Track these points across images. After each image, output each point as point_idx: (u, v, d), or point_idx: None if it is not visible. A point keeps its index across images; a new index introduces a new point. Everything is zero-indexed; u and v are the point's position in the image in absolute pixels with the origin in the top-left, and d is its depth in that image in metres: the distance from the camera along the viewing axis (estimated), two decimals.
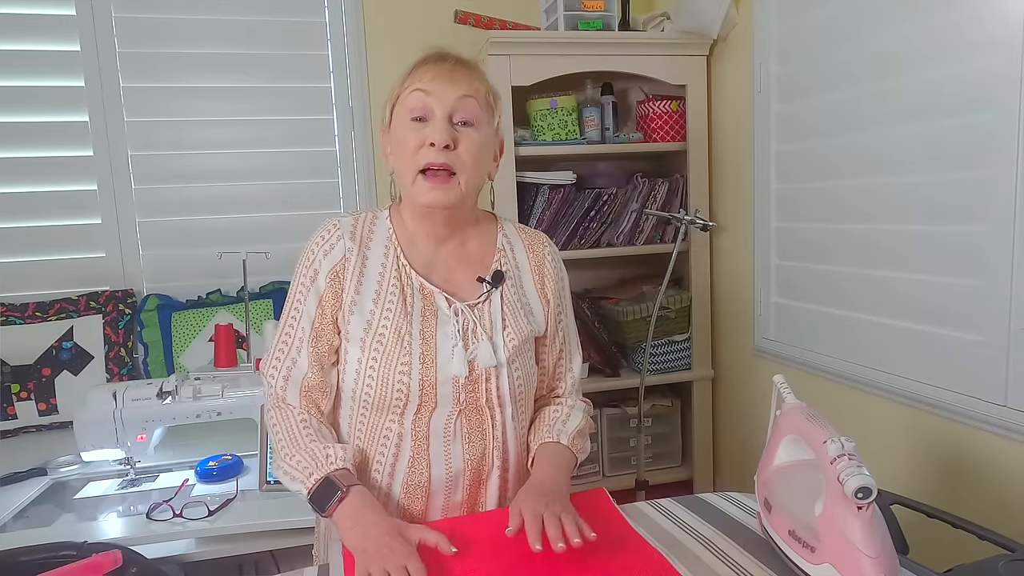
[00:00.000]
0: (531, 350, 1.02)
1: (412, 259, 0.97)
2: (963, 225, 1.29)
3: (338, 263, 0.94)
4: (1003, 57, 1.17)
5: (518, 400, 0.98)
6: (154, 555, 1.21)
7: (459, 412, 0.94)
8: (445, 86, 0.90)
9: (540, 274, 1.04)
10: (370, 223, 0.99)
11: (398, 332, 0.92)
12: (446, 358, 0.92)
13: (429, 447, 0.94)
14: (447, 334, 0.93)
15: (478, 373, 0.93)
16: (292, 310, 0.96)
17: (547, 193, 2.07)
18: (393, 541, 0.78)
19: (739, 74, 1.98)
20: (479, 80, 0.94)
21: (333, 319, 0.94)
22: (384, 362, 0.91)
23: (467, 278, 0.98)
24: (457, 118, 0.91)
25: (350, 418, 0.97)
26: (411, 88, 0.92)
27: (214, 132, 2.12)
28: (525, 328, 0.98)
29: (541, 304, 1.03)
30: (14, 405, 1.83)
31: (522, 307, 1.00)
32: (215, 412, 1.48)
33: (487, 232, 1.03)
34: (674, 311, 2.13)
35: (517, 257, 1.03)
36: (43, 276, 2.01)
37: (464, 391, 0.93)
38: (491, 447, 0.97)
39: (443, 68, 0.92)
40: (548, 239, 1.08)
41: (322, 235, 0.96)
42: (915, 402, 1.42)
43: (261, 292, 2.11)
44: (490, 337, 0.95)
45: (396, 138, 0.94)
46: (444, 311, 0.94)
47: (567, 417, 1.04)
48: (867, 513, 0.66)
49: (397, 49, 2.20)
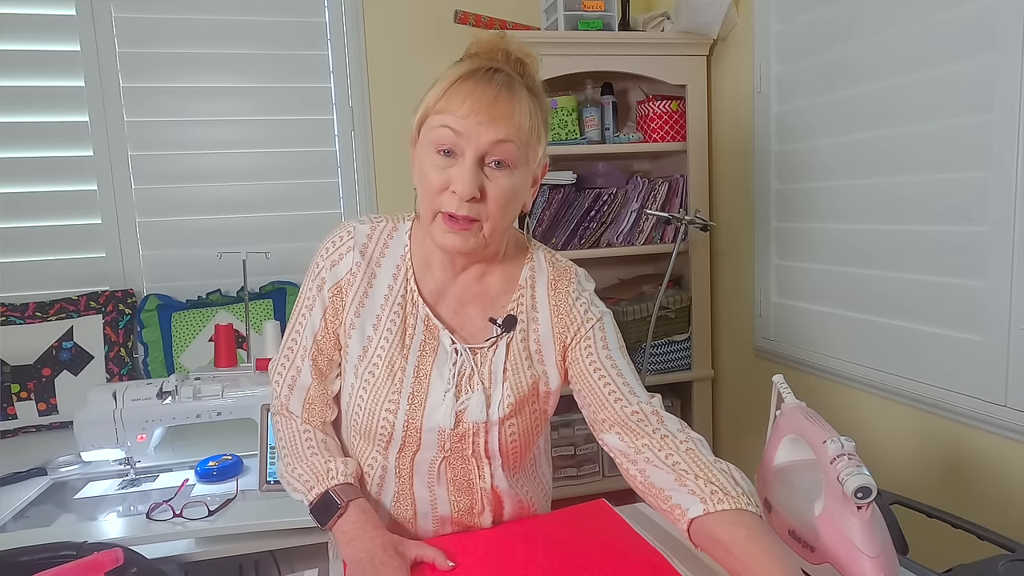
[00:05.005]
0: (536, 406, 0.91)
1: (423, 284, 0.90)
2: (963, 225, 1.28)
3: (343, 278, 0.89)
4: (1003, 57, 1.17)
5: (510, 455, 0.90)
6: (154, 555, 1.21)
7: (443, 458, 0.88)
8: (480, 127, 0.77)
9: (560, 316, 0.91)
10: (387, 236, 0.91)
11: (391, 366, 0.86)
12: (435, 403, 0.85)
13: (413, 486, 0.90)
14: (442, 375, 0.86)
15: (465, 427, 0.86)
16: (299, 315, 0.92)
17: (547, 193, 2.07)
18: (386, 556, 0.77)
19: (739, 74, 1.98)
20: (523, 115, 0.79)
21: (335, 334, 0.91)
22: (373, 394, 0.86)
23: (478, 315, 0.90)
24: (490, 159, 0.79)
25: (346, 436, 0.96)
26: (441, 122, 0.78)
27: (214, 132, 2.12)
28: (526, 382, 0.88)
29: (556, 350, 0.91)
30: (14, 405, 1.83)
31: (529, 356, 0.90)
32: (215, 412, 1.48)
33: (513, 264, 0.92)
34: (674, 311, 2.13)
35: (537, 296, 0.91)
36: (43, 276, 2.01)
37: (449, 440, 0.87)
38: (479, 497, 0.91)
39: (483, 100, 0.77)
40: (580, 274, 0.94)
41: (333, 241, 0.90)
42: (915, 402, 1.42)
43: (261, 292, 2.11)
44: (486, 390, 0.86)
45: (419, 162, 0.83)
46: (445, 348, 0.87)
47: (743, 478, 0.76)
48: (867, 513, 0.66)
49: (397, 49, 2.20)
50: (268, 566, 1.42)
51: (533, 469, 1.00)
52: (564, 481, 2.15)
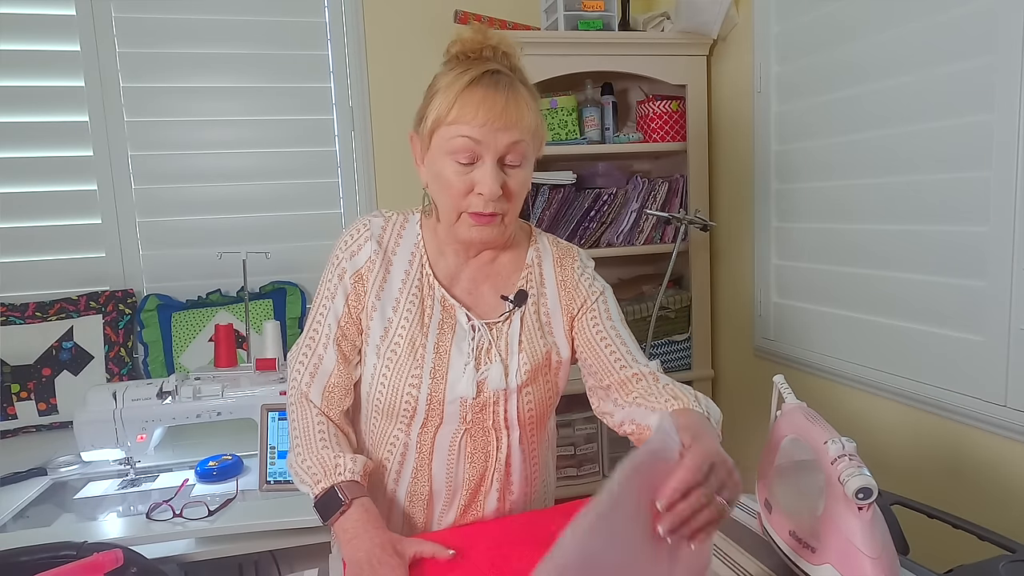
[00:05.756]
0: (549, 374, 0.98)
1: (437, 269, 0.96)
2: (963, 225, 1.28)
3: (363, 266, 0.94)
4: (1003, 57, 1.17)
5: (527, 424, 0.97)
6: (154, 555, 1.21)
7: (464, 431, 0.94)
8: (497, 133, 0.84)
9: (569, 292, 0.99)
10: (400, 227, 0.98)
11: (412, 343, 0.92)
12: (456, 376, 0.91)
13: (432, 461, 0.95)
14: (461, 350, 0.92)
15: (486, 396, 0.92)
16: (320, 307, 0.96)
17: (547, 193, 2.07)
18: (385, 555, 0.79)
19: (739, 74, 1.98)
20: (530, 114, 0.87)
21: (357, 319, 0.95)
22: (396, 371, 0.91)
23: (491, 293, 0.97)
24: (507, 160, 0.87)
25: (365, 421, 0.99)
26: (458, 132, 0.84)
27: (214, 132, 2.12)
28: (540, 352, 0.95)
29: (564, 326, 0.98)
30: (14, 405, 1.83)
31: (541, 327, 0.97)
32: (215, 412, 1.48)
33: (519, 246, 1.01)
34: (674, 311, 2.13)
35: (544, 273, 0.99)
36: (43, 276, 2.01)
37: (471, 411, 0.93)
38: (492, 469, 0.96)
39: (496, 108, 0.83)
40: (582, 253, 1.03)
41: (351, 234, 0.96)
42: (915, 402, 1.42)
43: (261, 292, 2.11)
44: (503, 360, 0.93)
45: (436, 170, 0.88)
46: (463, 326, 0.94)
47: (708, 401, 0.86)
48: (868, 514, 0.66)
49: (397, 49, 2.20)
50: (268, 566, 1.42)
51: (543, 454, 1.04)
52: (564, 481, 2.15)
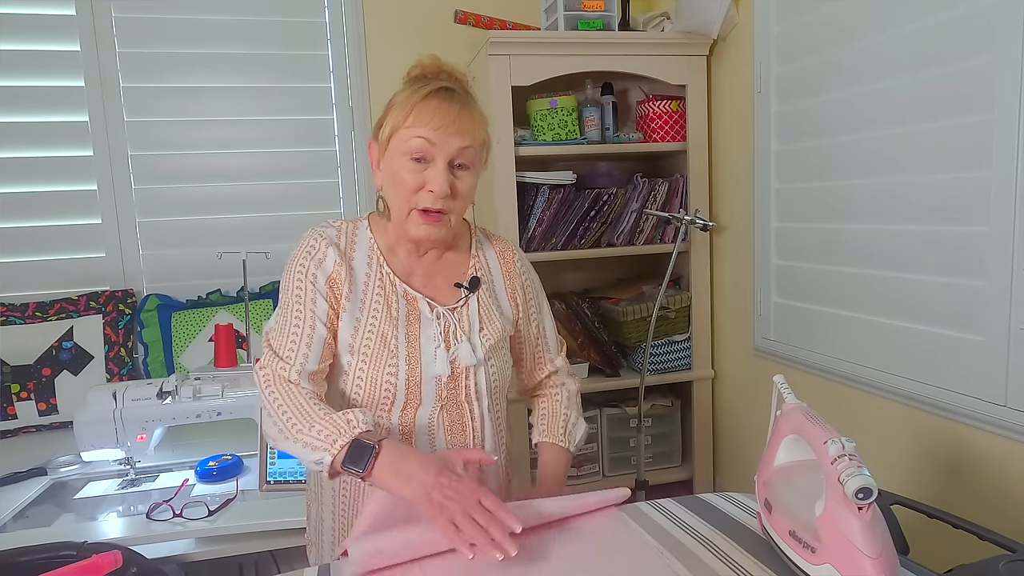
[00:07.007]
0: (506, 347, 1.11)
1: (394, 266, 1.04)
2: (963, 225, 1.28)
3: (332, 273, 0.99)
4: (1003, 57, 1.17)
5: (494, 393, 1.07)
6: (154, 555, 1.21)
7: (441, 407, 1.02)
8: (449, 137, 0.94)
9: (510, 277, 1.13)
10: (351, 233, 1.05)
11: (384, 337, 0.99)
12: (429, 359, 1.00)
13: (415, 441, 1.01)
14: (430, 336, 1.01)
15: (459, 371, 1.02)
16: (295, 307, 0.98)
17: (547, 193, 2.07)
18: (450, 481, 0.82)
19: (739, 74, 1.98)
20: (479, 126, 0.99)
21: (332, 324, 0.99)
22: (372, 365, 0.98)
23: (445, 284, 1.06)
24: (456, 162, 0.97)
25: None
26: (414, 134, 0.94)
27: (214, 132, 2.12)
28: (499, 328, 1.07)
29: (511, 305, 1.12)
30: (14, 405, 1.83)
31: (496, 308, 1.09)
32: (215, 412, 1.48)
33: (462, 240, 1.11)
34: (674, 311, 2.13)
35: (490, 263, 1.12)
36: (43, 276, 2.01)
37: (446, 388, 1.02)
38: (471, 438, 1.05)
39: (449, 115, 0.94)
40: (515, 245, 1.18)
41: (311, 244, 1.01)
42: (915, 402, 1.42)
43: (261, 292, 2.11)
44: (468, 338, 1.03)
45: (392, 170, 0.97)
46: (426, 315, 1.02)
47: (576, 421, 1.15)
48: (868, 514, 0.66)
49: (397, 49, 2.20)
50: (268, 566, 1.42)
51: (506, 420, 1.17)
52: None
